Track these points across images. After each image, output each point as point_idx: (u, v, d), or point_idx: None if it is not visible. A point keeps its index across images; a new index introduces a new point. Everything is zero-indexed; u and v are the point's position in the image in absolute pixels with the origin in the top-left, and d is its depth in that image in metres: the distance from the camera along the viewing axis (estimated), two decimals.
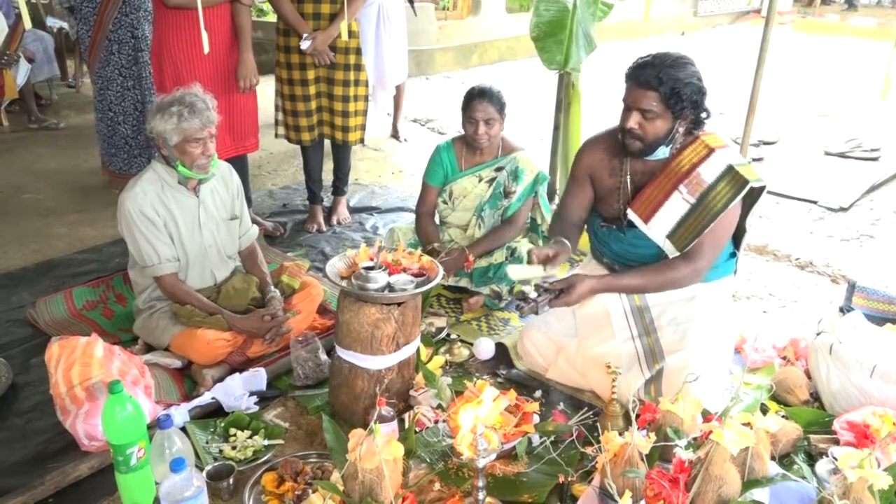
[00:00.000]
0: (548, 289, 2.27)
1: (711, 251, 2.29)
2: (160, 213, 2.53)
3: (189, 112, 2.43)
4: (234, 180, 2.77)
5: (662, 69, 2.16)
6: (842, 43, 10.87)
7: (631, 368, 2.31)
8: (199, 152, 2.48)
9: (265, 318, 2.56)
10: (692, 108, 2.23)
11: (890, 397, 2.20)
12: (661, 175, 2.33)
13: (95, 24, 3.79)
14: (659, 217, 2.31)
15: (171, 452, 1.89)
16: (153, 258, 2.52)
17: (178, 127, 2.43)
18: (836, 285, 3.37)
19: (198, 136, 2.46)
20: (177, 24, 3.21)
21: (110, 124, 3.96)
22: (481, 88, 3.02)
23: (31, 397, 2.46)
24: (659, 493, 1.68)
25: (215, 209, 2.69)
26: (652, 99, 2.19)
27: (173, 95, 2.49)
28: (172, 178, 2.56)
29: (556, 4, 3.72)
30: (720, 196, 2.23)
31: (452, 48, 8.75)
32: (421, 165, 3.46)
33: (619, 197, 2.43)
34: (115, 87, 3.87)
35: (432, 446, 2.17)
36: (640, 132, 2.24)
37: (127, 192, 2.52)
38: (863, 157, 5.25)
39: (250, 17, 3.42)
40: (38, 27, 6.34)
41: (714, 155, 2.26)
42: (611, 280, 2.35)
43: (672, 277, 2.31)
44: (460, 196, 3.18)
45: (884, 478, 1.65)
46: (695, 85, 2.19)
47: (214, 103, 2.54)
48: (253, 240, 2.86)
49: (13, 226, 3.94)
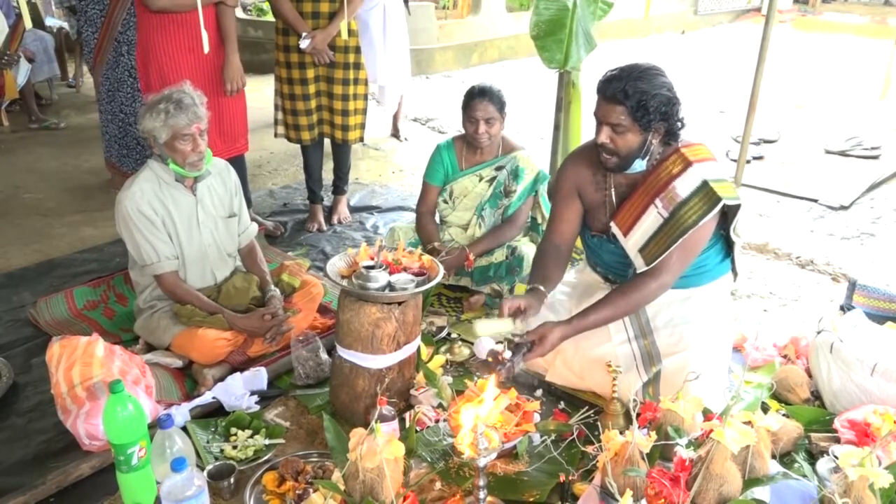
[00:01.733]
0: (519, 343, 2.20)
1: (678, 265, 2.24)
2: (158, 212, 2.53)
3: (176, 108, 2.42)
4: (231, 178, 2.76)
5: (628, 82, 2.11)
6: (841, 41, 10.86)
7: (628, 371, 2.29)
8: (189, 149, 2.47)
9: (265, 317, 2.56)
10: (662, 120, 2.17)
11: (891, 395, 2.20)
12: (640, 188, 2.29)
13: (103, 25, 3.80)
14: (636, 231, 2.28)
15: (172, 452, 1.89)
16: (152, 256, 2.52)
17: (165, 124, 2.43)
18: (837, 284, 3.37)
19: (186, 132, 2.45)
20: (161, 28, 3.18)
21: (121, 126, 3.98)
22: (481, 87, 3.02)
23: (32, 397, 2.47)
24: (660, 492, 1.68)
25: (213, 207, 2.68)
26: (619, 113, 2.14)
27: (161, 93, 2.49)
28: (169, 176, 2.56)
29: (556, 3, 3.71)
30: (692, 211, 2.18)
31: (452, 47, 8.74)
32: (421, 165, 3.46)
33: (606, 210, 2.40)
34: (125, 89, 3.87)
35: (433, 445, 2.18)
36: (612, 146, 2.20)
37: (124, 191, 2.52)
38: (863, 156, 5.24)
39: (235, 19, 3.40)
40: (39, 27, 6.34)
41: (691, 169, 2.20)
42: (579, 321, 2.25)
43: (640, 296, 2.25)
44: (461, 195, 3.18)
45: (885, 476, 1.65)
46: (663, 96, 2.13)
47: (204, 100, 2.53)
48: (252, 237, 2.86)
49: (14, 226, 3.95)
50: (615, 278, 2.50)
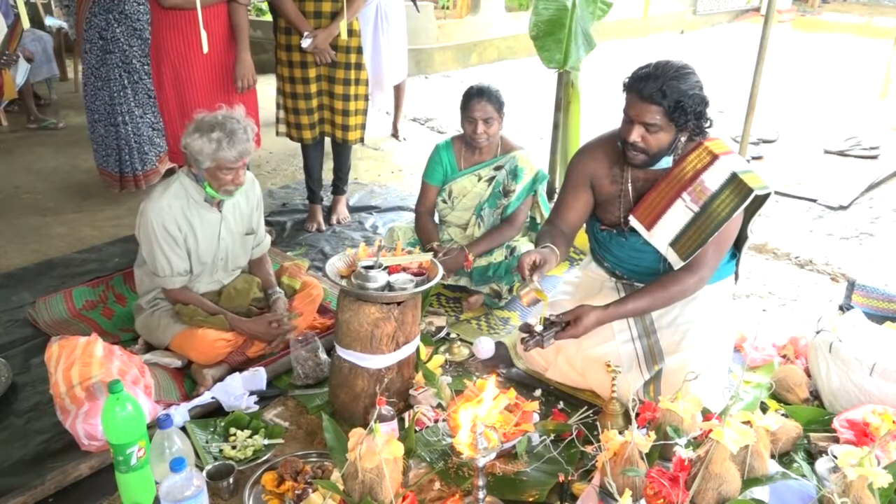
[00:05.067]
0: (554, 322, 2.22)
1: (715, 259, 2.26)
2: (182, 229, 2.51)
3: (228, 143, 2.36)
4: (255, 192, 2.73)
5: (665, 82, 2.08)
6: (841, 41, 10.87)
7: (630, 370, 2.30)
8: (229, 179, 2.44)
9: (272, 324, 2.56)
10: (695, 119, 2.17)
11: (889, 395, 2.20)
12: (663, 182, 2.29)
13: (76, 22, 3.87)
14: (661, 225, 2.27)
15: (171, 452, 1.89)
16: (166, 270, 2.51)
17: (214, 154, 2.37)
18: (836, 283, 3.37)
19: (232, 166, 2.42)
20: (174, 25, 3.21)
21: (107, 126, 4.04)
22: (480, 88, 3.02)
23: (31, 397, 2.46)
24: (659, 492, 1.68)
25: (235, 224, 2.66)
26: (655, 113, 2.12)
27: (215, 117, 2.41)
28: (199, 195, 2.53)
29: (556, 3, 3.71)
30: (724, 204, 2.18)
31: (452, 47, 8.74)
32: (420, 164, 3.46)
33: (620, 204, 2.39)
34: (113, 86, 3.93)
35: (432, 445, 2.18)
36: (643, 145, 2.18)
37: (151, 202, 2.47)
38: (862, 156, 5.24)
39: (247, 17, 3.42)
40: (37, 27, 6.34)
41: (718, 162, 2.21)
42: (616, 308, 2.26)
43: (678, 290, 2.26)
44: (460, 195, 3.18)
45: (883, 476, 1.65)
46: (698, 96, 2.13)
47: (254, 130, 2.49)
48: (265, 251, 2.84)
49: (13, 225, 3.94)
50: (623, 273, 2.50)
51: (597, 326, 2.25)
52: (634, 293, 2.30)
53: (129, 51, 3.93)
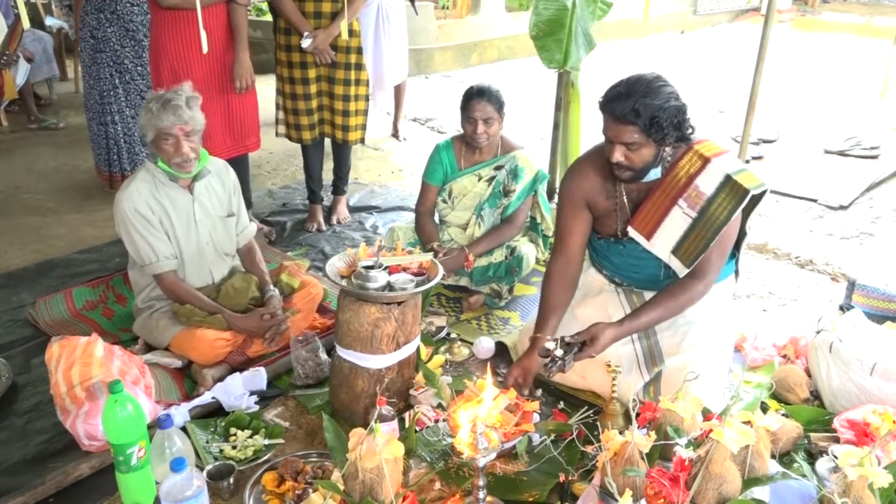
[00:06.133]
0: (570, 343, 2.19)
1: (719, 262, 2.25)
2: (155, 211, 2.53)
3: (161, 108, 2.40)
4: (230, 177, 2.75)
5: (637, 100, 2.05)
6: (841, 41, 10.86)
7: (630, 371, 2.29)
8: (171, 150, 2.44)
9: (264, 317, 2.56)
10: (675, 130, 2.14)
11: (890, 395, 2.20)
12: (657, 191, 2.27)
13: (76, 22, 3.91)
14: (661, 233, 2.26)
15: (172, 452, 1.89)
16: (151, 256, 2.52)
17: (149, 123, 2.42)
18: (836, 283, 3.37)
19: (168, 133, 2.42)
20: (173, 26, 3.20)
21: (100, 125, 4.11)
22: (480, 88, 3.02)
23: (31, 397, 2.46)
24: (659, 492, 1.68)
25: (211, 206, 2.67)
26: (632, 132, 2.10)
27: (158, 92, 2.49)
28: (163, 176, 2.55)
29: (556, 3, 3.72)
30: (722, 208, 2.16)
31: (452, 47, 8.74)
32: (420, 164, 3.46)
33: (618, 217, 2.38)
34: (104, 86, 4.02)
35: (432, 445, 2.18)
36: (627, 163, 2.17)
37: (122, 191, 2.52)
38: (862, 156, 5.24)
39: (246, 17, 3.42)
40: (37, 27, 6.34)
41: (710, 165, 2.19)
42: (630, 323, 2.24)
43: (688, 298, 2.24)
44: (460, 195, 3.18)
45: (884, 476, 1.65)
46: (673, 108, 2.09)
47: (198, 101, 2.51)
48: (251, 237, 2.85)
49: (13, 226, 3.94)
50: (622, 280, 2.50)
51: (613, 343, 2.23)
52: (646, 305, 2.28)
53: (120, 51, 3.95)
